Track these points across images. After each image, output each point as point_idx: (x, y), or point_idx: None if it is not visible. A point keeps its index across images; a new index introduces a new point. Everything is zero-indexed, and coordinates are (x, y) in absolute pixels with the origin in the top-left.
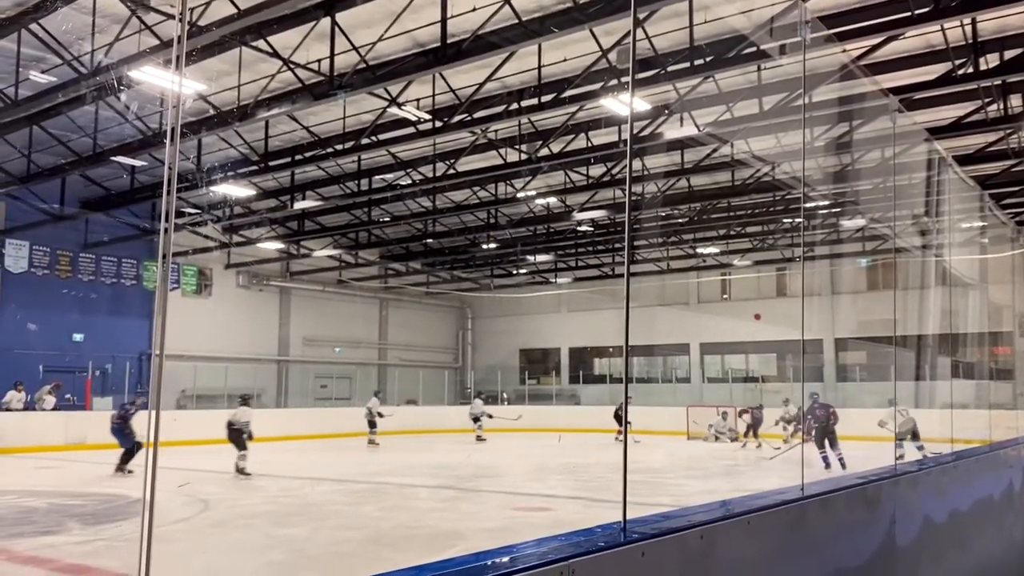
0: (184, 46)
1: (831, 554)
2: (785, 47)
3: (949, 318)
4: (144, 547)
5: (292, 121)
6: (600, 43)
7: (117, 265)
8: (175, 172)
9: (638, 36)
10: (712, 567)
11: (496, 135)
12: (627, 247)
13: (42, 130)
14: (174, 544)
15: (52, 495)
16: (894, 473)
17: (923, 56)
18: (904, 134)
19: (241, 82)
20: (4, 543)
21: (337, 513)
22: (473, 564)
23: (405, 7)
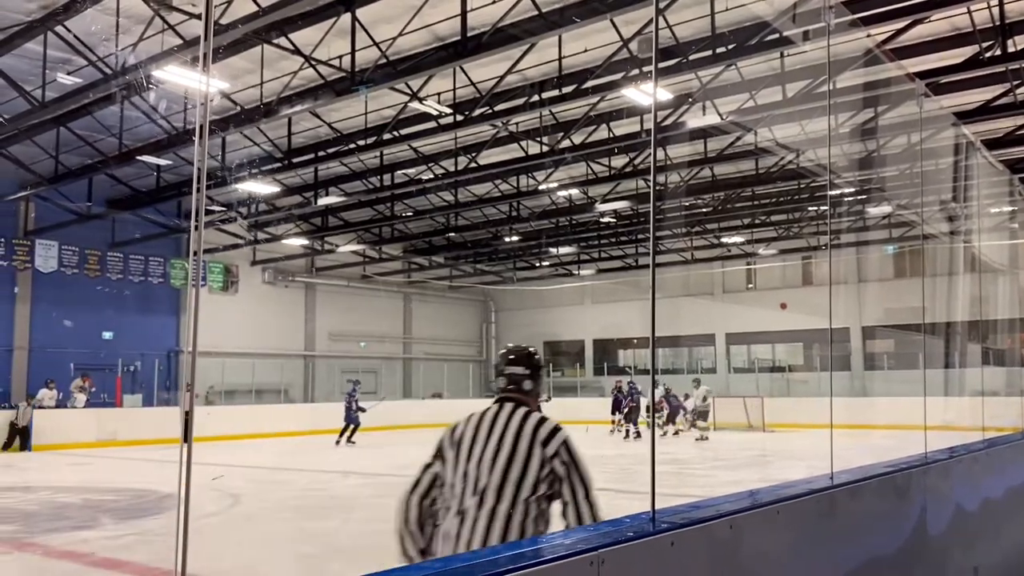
0: (211, 43)
1: (861, 543)
2: (809, 33)
3: (979, 305)
4: (180, 540)
5: (315, 118)
6: (621, 33)
7: (144, 263)
8: (204, 169)
9: (659, 25)
10: (742, 557)
11: (517, 128)
12: (651, 237)
13: (69, 131)
14: (206, 537)
15: (85, 491)
16: (924, 461)
17: (949, 39)
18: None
19: (264, 80)
20: (40, 538)
21: (365, 506)
22: (502, 555)
23: (425, 1)
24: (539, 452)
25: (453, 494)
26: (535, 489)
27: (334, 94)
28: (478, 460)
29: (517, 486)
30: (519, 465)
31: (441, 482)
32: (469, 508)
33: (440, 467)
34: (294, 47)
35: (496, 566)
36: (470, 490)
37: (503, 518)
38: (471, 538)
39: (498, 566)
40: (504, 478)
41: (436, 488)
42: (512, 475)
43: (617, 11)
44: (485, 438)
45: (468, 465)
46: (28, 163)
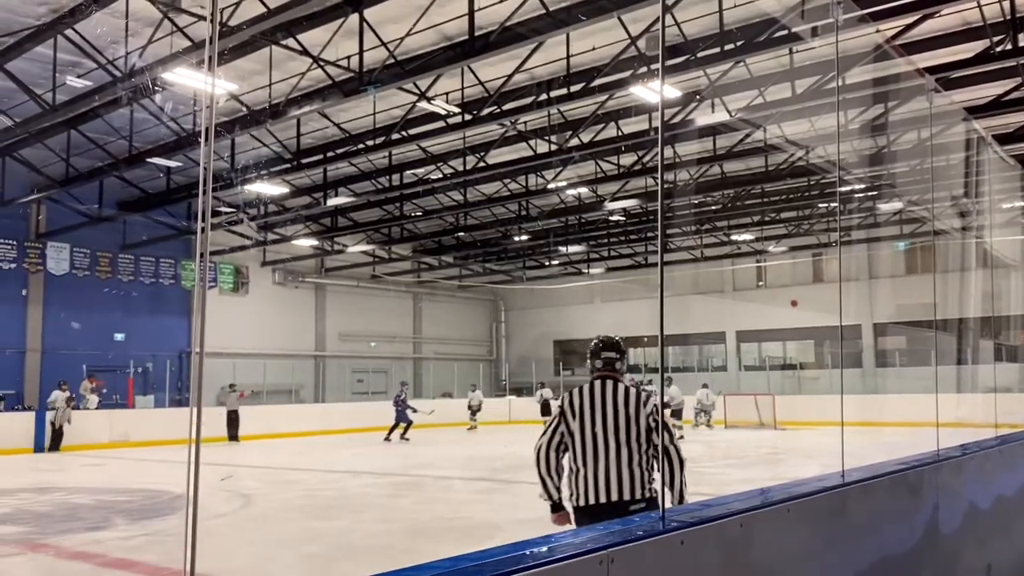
0: (216, 46)
1: (873, 541)
2: (817, 29)
3: (991, 301)
4: (189, 541)
5: (323, 118)
6: (628, 31)
7: (155, 265)
8: (210, 171)
9: (667, 22)
10: (752, 555)
11: (526, 126)
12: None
13: (79, 134)
14: (216, 538)
15: (98, 492)
16: (936, 459)
17: (960, 34)
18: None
19: (272, 81)
20: (53, 539)
21: (375, 506)
22: (512, 554)
23: (432, 1)
24: (643, 413)
25: (585, 450)
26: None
27: (342, 94)
28: (602, 424)
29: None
30: (635, 426)
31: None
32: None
33: (564, 428)
34: (302, 48)
35: (506, 565)
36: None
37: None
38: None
39: (508, 565)
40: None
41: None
42: (632, 433)
43: (624, 9)
44: (602, 407)
45: (595, 428)
46: (39, 166)
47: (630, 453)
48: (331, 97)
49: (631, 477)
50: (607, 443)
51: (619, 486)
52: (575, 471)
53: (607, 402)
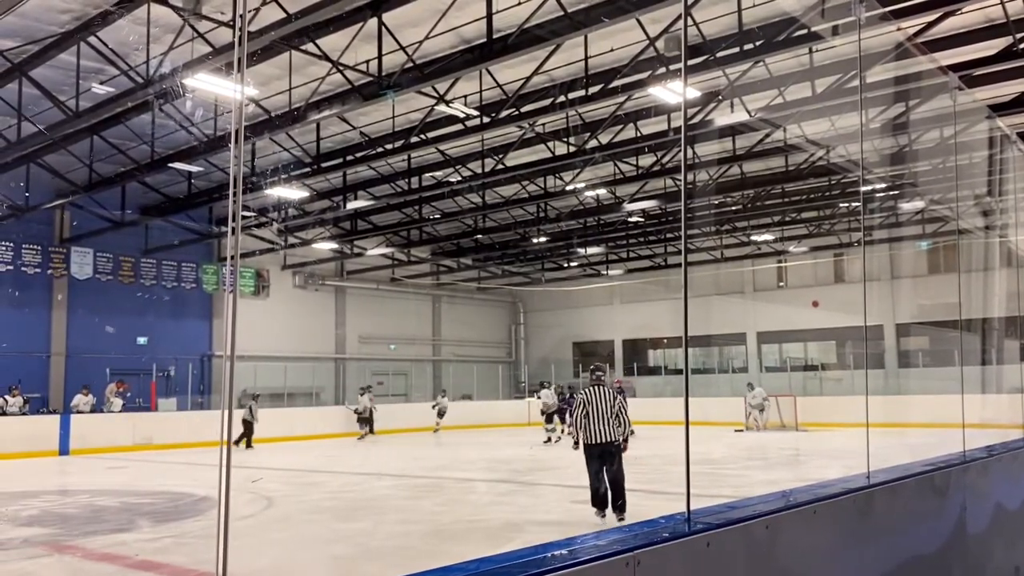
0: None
1: (900, 542)
2: (838, 27)
3: (1017, 300)
4: (221, 541)
5: (343, 122)
6: (647, 31)
7: (177, 269)
8: (240, 174)
9: (687, 22)
10: (778, 557)
11: (544, 128)
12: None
13: (102, 140)
14: (241, 539)
15: (122, 494)
16: (963, 460)
17: (982, 31)
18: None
19: (292, 85)
20: (79, 541)
21: (398, 508)
22: (537, 556)
23: (450, 4)
24: (619, 403)
25: (592, 419)
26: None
27: (362, 98)
28: (597, 406)
29: (612, 414)
30: (611, 408)
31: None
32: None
33: (584, 411)
34: (322, 53)
35: (530, 568)
36: (596, 416)
37: (610, 425)
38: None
39: (532, 568)
40: (609, 412)
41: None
42: (611, 411)
43: (643, 10)
44: (599, 401)
45: (599, 411)
46: (63, 172)
47: (609, 420)
48: (351, 101)
49: (611, 431)
50: (600, 415)
51: (606, 434)
52: (588, 427)
53: (603, 400)
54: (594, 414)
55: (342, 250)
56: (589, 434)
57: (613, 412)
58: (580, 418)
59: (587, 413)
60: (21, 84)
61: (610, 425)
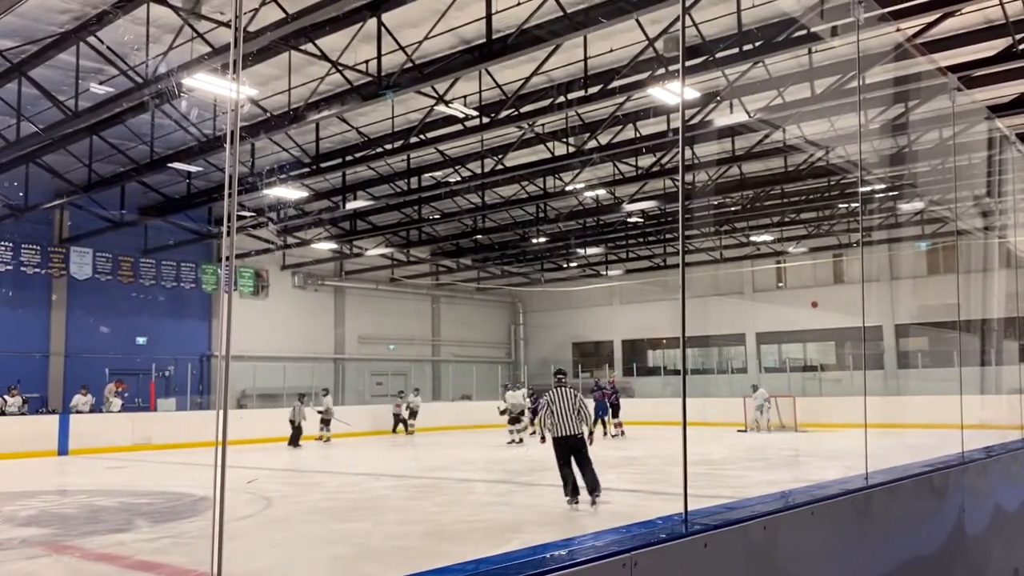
0: (240, 50)
1: (899, 543)
2: (837, 28)
3: (1015, 301)
4: (216, 542)
5: (342, 122)
6: (646, 32)
7: (176, 269)
8: (235, 174)
9: (686, 23)
10: (776, 558)
11: (543, 129)
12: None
13: (101, 140)
14: (240, 540)
15: (121, 494)
16: (961, 461)
17: (982, 32)
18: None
19: (291, 85)
20: (78, 541)
21: (396, 508)
22: (535, 557)
23: (450, 5)
24: (579, 400)
25: (556, 416)
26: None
27: (361, 99)
28: (563, 407)
29: (574, 411)
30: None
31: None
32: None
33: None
34: (321, 53)
35: (528, 568)
36: (562, 413)
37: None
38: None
39: (530, 568)
40: (571, 409)
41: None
42: (573, 408)
43: (643, 10)
44: (562, 400)
45: (562, 408)
46: (62, 172)
47: (572, 416)
48: (350, 101)
49: (575, 425)
50: (564, 412)
51: (570, 429)
52: (554, 424)
53: (566, 398)
54: (559, 412)
55: (341, 250)
56: (556, 429)
57: (575, 409)
58: (545, 416)
59: (552, 412)
60: (20, 84)
61: (573, 421)
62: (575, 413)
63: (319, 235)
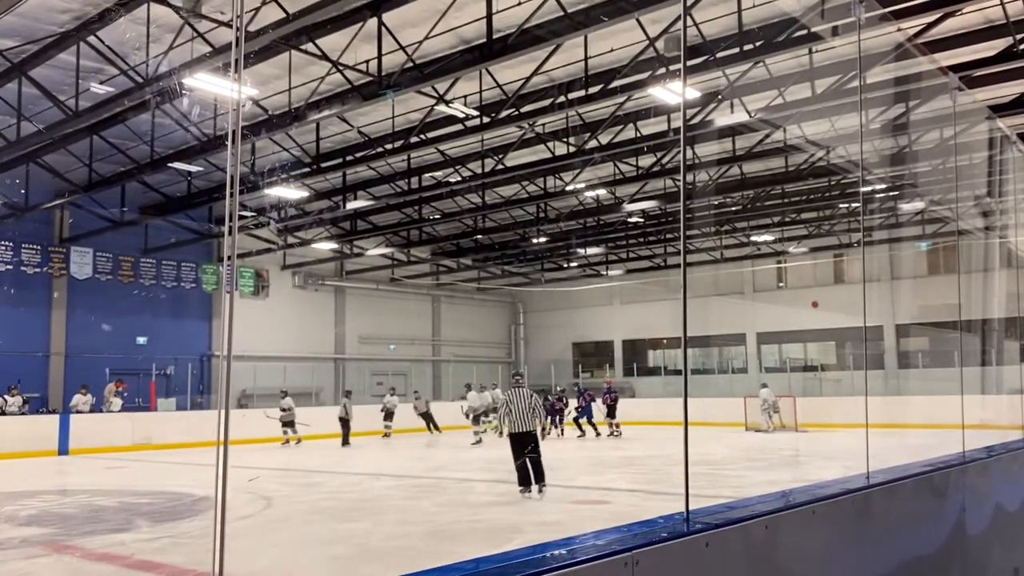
0: (243, 49)
1: (899, 543)
2: (838, 28)
3: (1016, 301)
4: (217, 542)
5: (342, 122)
6: (647, 32)
7: (177, 269)
8: (237, 174)
9: (687, 23)
10: (777, 557)
11: (544, 129)
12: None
13: (102, 139)
14: (240, 540)
15: (121, 494)
16: (962, 460)
17: (982, 32)
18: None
19: (292, 85)
20: (78, 541)
21: (397, 508)
22: (535, 556)
23: (450, 4)
24: (534, 400)
25: (514, 415)
26: (533, 409)
27: (361, 98)
28: (520, 405)
29: (530, 409)
30: (529, 403)
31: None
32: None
33: (507, 408)
34: (321, 52)
35: (529, 567)
36: (518, 411)
37: (528, 419)
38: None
39: (531, 567)
40: (526, 408)
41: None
42: (528, 407)
43: (643, 10)
44: (519, 400)
45: (519, 407)
46: (63, 172)
47: (527, 414)
48: (350, 101)
49: (529, 422)
50: (521, 411)
51: (525, 425)
52: (511, 421)
53: (523, 398)
54: (516, 410)
55: (342, 250)
56: (513, 426)
57: (531, 408)
58: (504, 414)
59: (510, 410)
60: (21, 84)
61: (528, 418)
62: (530, 411)
63: (319, 235)
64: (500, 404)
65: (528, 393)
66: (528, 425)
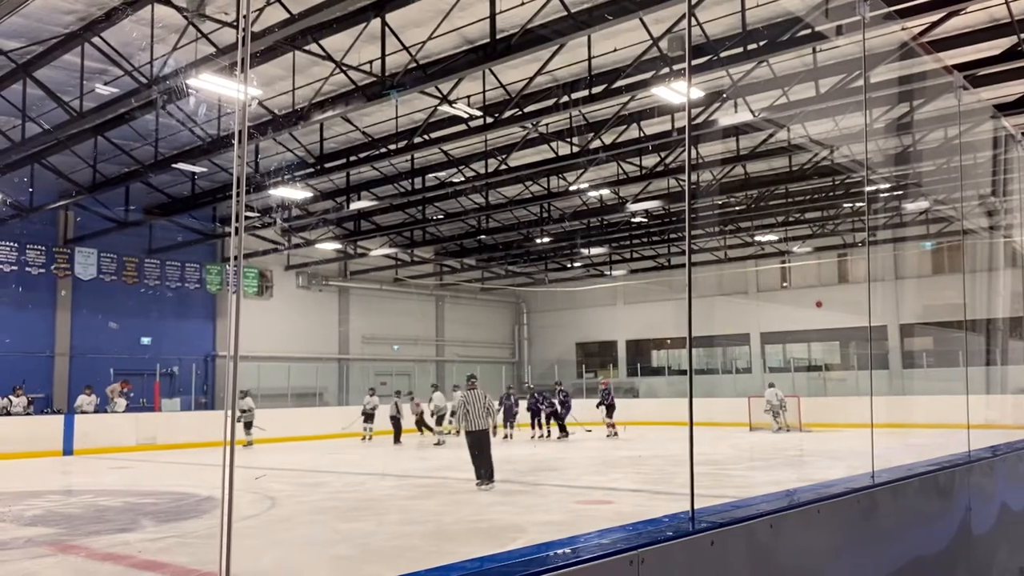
0: (248, 48)
1: (904, 543)
2: (842, 27)
3: (1021, 300)
4: (224, 541)
5: (346, 123)
6: (650, 31)
7: (181, 269)
8: (243, 174)
9: (691, 22)
10: (782, 556)
11: (547, 129)
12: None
13: (106, 140)
14: (244, 540)
15: (126, 494)
16: (967, 460)
17: (987, 30)
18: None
19: (296, 86)
20: (83, 540)
21: (400, 508)
22: (539, 555)
23: (454, 5)
24: (487, 400)
25: (470, 413)
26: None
27: (365, 99)
28: (476, 406)
29: (485, 409)
30: (485, 405)
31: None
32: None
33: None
34: (325, 53)
35: (533, 566)
36: (474, 411)
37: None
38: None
39: (535, 566)
40: (481, 407)
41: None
42: (484, 408)
43: (647, 9)
44: (475, 401)
45: (475, 407)
46: (67, 172)
47: (481, 413)
48: (354, 101)
49: (483, 421)
50: (476, 411)
51: (479, 424)
52: (468, 420)
53: (478, 398)
54: (472, 411)
55: (345, 250)
56: (469, 424)
57: (485, 408)
58: (462, 414)
59: (467, 411)
60: (25, 85)
61: (482, 417)
62: (484, 411)
63: (323, 235)
64: (458, 405)
65: (482, 394)
66: (482, 424)
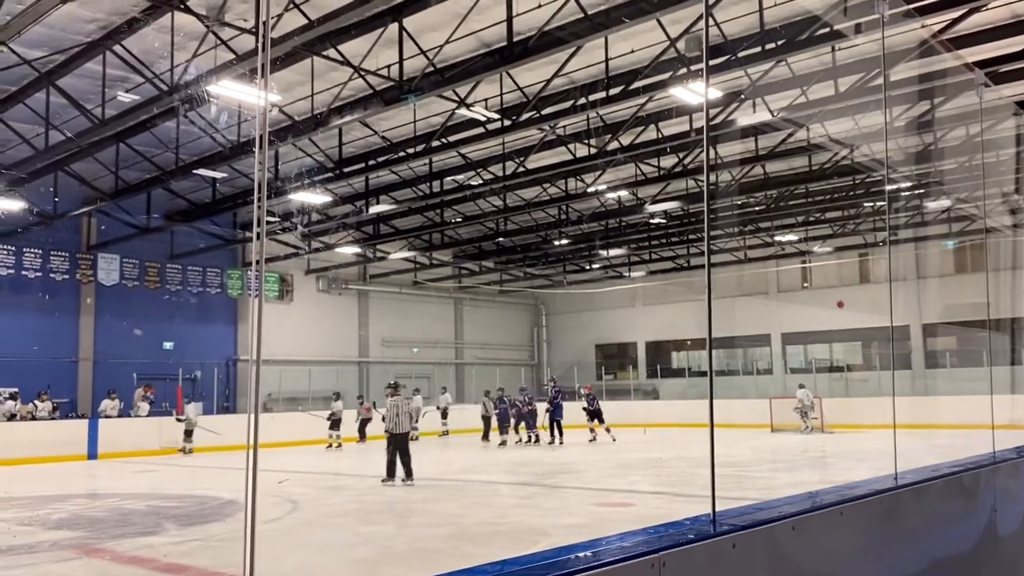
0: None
1: (928, 545)
2: (861, 25)
3: None
4: (248, 544)
5: (365, 127)
6: (668, 32)
7: (202, 274)
8: (264, 179)
9: (708, 22)
10: (804, 558)
11: (565, 131)
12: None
13: (128, 147)
14: (266, 542)
15: (150, 498)
16: (993, 460)
17: (1008, 27)
18: (991, 109)
19: (314, 91)
20: (108, 544)
21: (421, 511)
22: (561, 558)
23: (471, 8)
24: (410, 406)
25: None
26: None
27: (383, 103)
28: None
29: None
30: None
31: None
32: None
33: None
34: (343, 58)
35: (555, 569)
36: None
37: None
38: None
39: (556, 569)
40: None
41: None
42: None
43: (664, 10)
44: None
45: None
46: (90, 179)
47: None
48: (372, 106)
49: (405, 425)
50: (399, 415)
51: (403, 427)
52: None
53: (400, 402)
54: (398, 414)
55: (365, 254)
56: (396, 427)
57: (407, 413)
58: (392, 418)
59: (397, 413)
60: (48, 93)
61: (404, 420)
62: (406, 416)
63: (343, 239)
64: (388, 407)
65: (405, 400)
66: (404, 427)
